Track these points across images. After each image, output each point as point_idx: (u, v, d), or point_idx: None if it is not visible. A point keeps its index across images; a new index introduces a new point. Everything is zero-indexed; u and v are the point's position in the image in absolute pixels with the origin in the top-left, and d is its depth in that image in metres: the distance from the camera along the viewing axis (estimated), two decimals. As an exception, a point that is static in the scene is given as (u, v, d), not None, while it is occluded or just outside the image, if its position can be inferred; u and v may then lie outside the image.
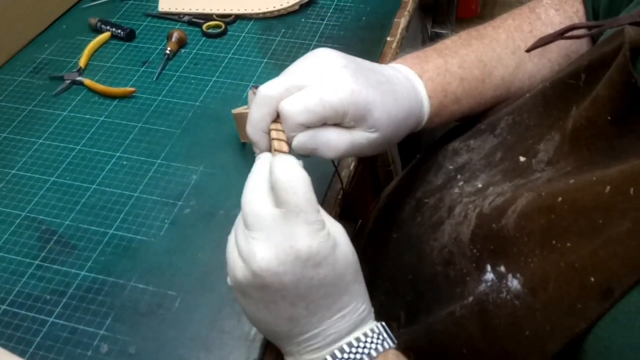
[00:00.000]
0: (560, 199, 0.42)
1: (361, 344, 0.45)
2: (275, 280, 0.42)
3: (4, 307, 0.60)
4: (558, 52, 0.63)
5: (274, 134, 0.49)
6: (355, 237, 0.73)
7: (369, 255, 0.65)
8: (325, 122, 0.49)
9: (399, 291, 0.57)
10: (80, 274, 0.62)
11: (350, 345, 0.45)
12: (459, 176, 0.58)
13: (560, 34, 0.53)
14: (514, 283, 0.43)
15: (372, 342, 0.45)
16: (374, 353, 0.45)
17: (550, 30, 0.62)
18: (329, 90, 0.48)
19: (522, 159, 0.52)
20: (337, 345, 0.45)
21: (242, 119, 0.69)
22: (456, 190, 0.56)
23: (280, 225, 0.42)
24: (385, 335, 0.46)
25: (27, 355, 0.56)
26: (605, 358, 0.37)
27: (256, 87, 0.63)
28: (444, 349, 0.49)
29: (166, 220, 0.67)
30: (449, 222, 0.53)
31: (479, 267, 0.47)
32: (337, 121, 0.49)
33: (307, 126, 0.49)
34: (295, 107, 0.48)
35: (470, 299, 0.47)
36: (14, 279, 0.62)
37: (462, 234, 0.50)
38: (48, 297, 0.60)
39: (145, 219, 0.67)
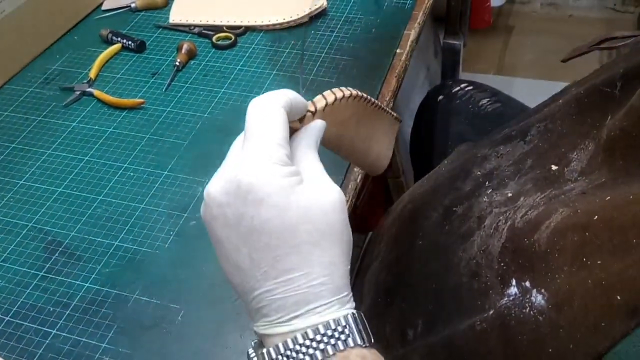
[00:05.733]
0: (596, 217, 0.41)
1: (317, 337, 0.38)
2: (220, 212, 0.39)
3: (7, 318, 0.59)
4: None
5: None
6: (368, 247, 0.72)
7: (390, 261, 0.64)
8: None
9: (420, 299, 0.56)
10: (85, 285, 0.62)
11: (304, 336, 0.37)
12: (487, 183, 0.56)
13: (597, 44, 0.52)
14: (537, 298, 0.42)
15: (331, 337, 0.38)
16: (330, 350, 0.37)
17: None
18: None
19: (553, 167, 0.51)
20: (290, 327, 0.38)
21: None
22: (485, 198, 0.55)
23: (236, 155, 0.40)
24: (354, 328, 0.38)
25: (29, 367, 0.55)
26: None
27: None
28: None
29: (171, 232, 0.67)
30: (479, 234, 0.51)
31: (503, 281, 0.46)
32: None
33: None
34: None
35: (491, 312, 0.45)
36: (18, 290, 0.62)
37: (492, 246, 0.49)
38: (51, 309, 0.60)
39: (150, 231, 0.67)
